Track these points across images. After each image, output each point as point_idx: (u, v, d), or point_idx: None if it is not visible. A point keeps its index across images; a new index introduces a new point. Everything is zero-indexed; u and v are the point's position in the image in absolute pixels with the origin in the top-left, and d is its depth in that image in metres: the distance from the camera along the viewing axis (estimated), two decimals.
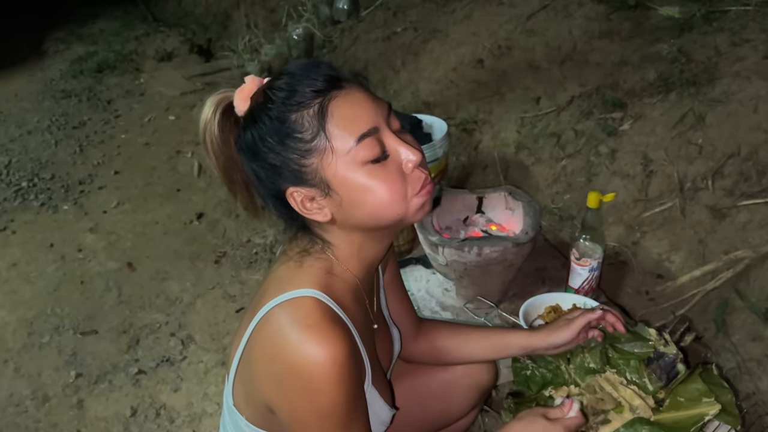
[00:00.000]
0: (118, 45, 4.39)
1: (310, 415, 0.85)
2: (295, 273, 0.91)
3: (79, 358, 2.05)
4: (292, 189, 0.88)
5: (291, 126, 0.85)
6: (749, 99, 2.13)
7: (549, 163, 2.51)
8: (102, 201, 2.84)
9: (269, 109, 0.86)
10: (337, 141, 0.84)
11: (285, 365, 0.83)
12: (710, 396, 1.19)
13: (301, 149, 0.85)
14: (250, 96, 0.89)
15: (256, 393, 0.91)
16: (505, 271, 1.72)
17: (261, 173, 0.88)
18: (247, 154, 0.89)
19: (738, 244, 1.87)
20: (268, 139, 0.86)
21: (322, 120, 0.84)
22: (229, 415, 0.99)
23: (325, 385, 0.82)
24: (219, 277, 2.37)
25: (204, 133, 0.91)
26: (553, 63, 2.82)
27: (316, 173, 0.86)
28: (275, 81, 0.88)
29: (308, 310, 0.85)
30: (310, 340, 0.82)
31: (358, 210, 0.87)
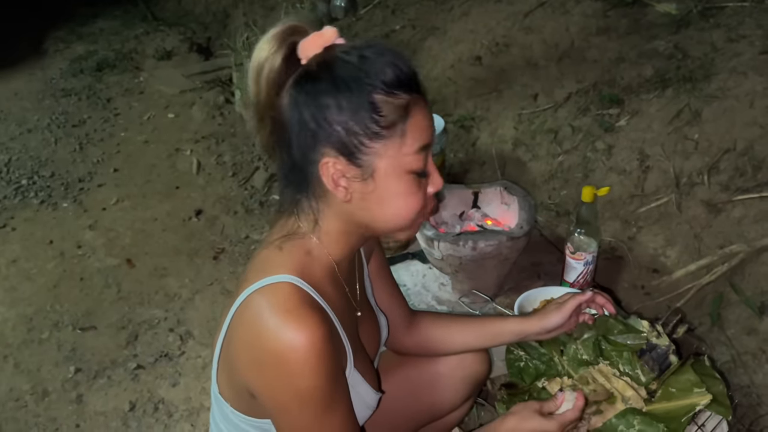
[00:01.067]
0: (118, 44, 4.40)
1: (290, 399, 0.85)
2: (274, 258, 0.91)
3: (78, 353, 2.07)
4: (331, 159, 0.86)
5: (374, 104, 0.84)
6: (745, 94, 2.13)
7: (546, 159, 2.52)
8: (101, 198, 2.85)
9: (356, 77, 0.84)
10: (405, 141, 0.87)
11: (263, 350, 0.83)
12: (701, 386, 1.20)
13: (371, 130, 0.85)
14: (325, 46, 0.86)
15: (237, 379, 0.91)
16: (500, 266, 1.73)
17: (309, 125, 0.85)
18: (306, 100, 0.85)
19: (733, 239, 1.88)
20: (342, 101, 0.84)
21: (405, 117, 0.86)
22: (216, 405, 1.00)
23: (303, 370, 0.82)
24: (217, 273, 2.38)
25: (262, 61, 0.85)
26: (551, 60, 2.83)
27: (370, 157, 0.86)
28: (364, 49, 0.86)
29: (286, 295, 0.86)
30: (288, 325, 0.82)
31: (377, 208, 0.89)
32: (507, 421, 1.04)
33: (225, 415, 0.98)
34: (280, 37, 0.85)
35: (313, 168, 0.88)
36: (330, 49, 0.86)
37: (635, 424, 1.18)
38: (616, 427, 1.19)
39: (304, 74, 0.85)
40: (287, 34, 0.86)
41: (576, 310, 1.24)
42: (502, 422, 1.04)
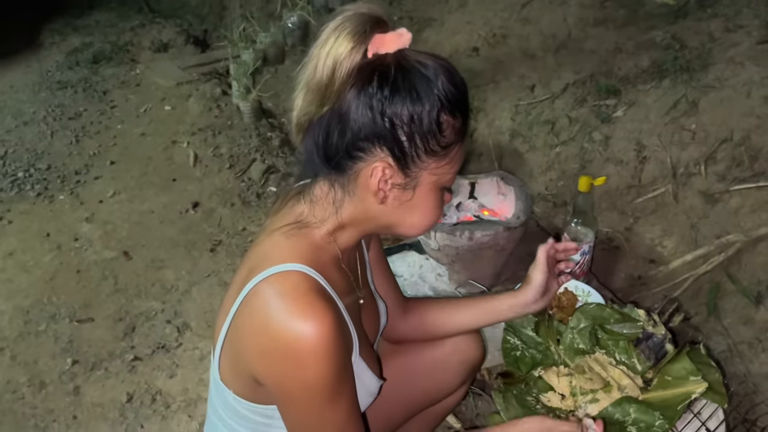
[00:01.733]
0: (114, 36, 4.38)
1: (298, 388, 0.85)
2: (282, 246, 0.91)
3: (75, 345, 2.06)
4: (383, 163, 0.87)
5: (440, 124, 0.86)
6: (742, 84, 2.13)
7: (543, 151, 2.52)
8: (98, 191, 2.84)
9: (430, 92, 0.85)
10: (452, 161, 0.91)
11: (272, 339, 0.83)
12: (697, 375, 1.20)
13: (431, 147, 0.87)
14: (399, 48, 0.86)
15: (243, 366, 0.91)
16: (497, 255, 1.73)
17: (375, 125, 0.85)
18: (381, 101, 0.84)
19: (730, 229, 1.88)
20: (415, 113, 0.84)
21: (459, 140, 0.90)
22: (216, 390, 1.00)
23: (312, 359, 0.83)
24: (214, 265, 2.38)
25: (341, 57, 0.83)
26: (548, 51, 2.82)
27: (420, 171, 0.89)
28: (435, 64, 0.86)
29: (295, 284, 0.86)
30: (298, 314, 0.83)
31: (406, 214, 0.92)
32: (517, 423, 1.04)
33: (226, 402, 0.98)
34: (361, 31, 0.83)
35: (357, 164, 0.88)
36: (404, 53, 0.86)
37: (631, 413, 1.18)
38: (612, 415, 1.20)
39: (383, 75, 0.84)
40: (368, 29, 0.84)
41: (549, 261, 1.23)
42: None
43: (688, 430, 1.21)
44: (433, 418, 1.36)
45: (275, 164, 2.89)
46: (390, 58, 0.85)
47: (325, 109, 0.86)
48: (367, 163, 0.87)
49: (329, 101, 0.85)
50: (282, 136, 3.13)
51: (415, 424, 1.33)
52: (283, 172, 2.83)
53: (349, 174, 0.89)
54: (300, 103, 0.88)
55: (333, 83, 0.83)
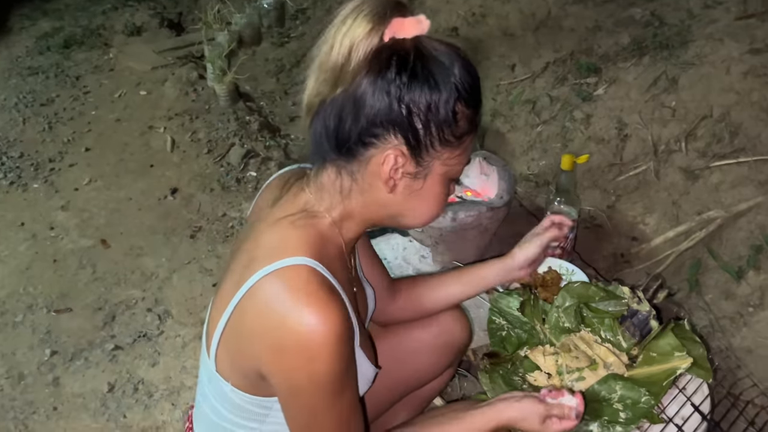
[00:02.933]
0: (85, 20, 4.26)
1: (305, 382, 0.84)
2: (290, 236, 0.88)
3: (53, 336, 2.03)
4: (396, 151, 0.85)
5: (456, 113, 0.85)
6: (721, 61, 2.13)
7: (525, 130, 2.51)
8: (73, 178, 2.78)
9: (448, 81, 0.83)
10: (464, 152, 0.90)
11: (284, 334, 0.82)
12: (682, 350, 1.21)
13: (446, 137, 0.86)
14: (417, 34, 0.83)
15: (245, 360, 0.90)
16: (480, 236, 1.72)
17: (391, 111, 0.83)
18: (398, 87, 0.82)
19: (710, 205, 1.89)
20: (432, 101, 0.83)
21: (471, 131, 0.89)
22: (210, 382, 0.98)
23: (323, 354, 0.82)
24: (195, 251, 2.34)
25: (358, 39, 0.80)
26: (528, 30, 2.80)
27: (432, 160, 0.88)
28: (451, 52, 0.85)
29: (305, 280, 0.83)
30: (310, 309, 0.81)
31: (414, 204, 0.91)
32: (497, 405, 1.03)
33: (222, 393, 0.96)
34: (381, 13, 0.81)
35: (369, 150, 0.86)
36: (421, 40, 0.84)
37: (617, 390, 1.18)
38: (598, 393, 1.20)
39: (402, 60, 0.82)
40: (388, 12, 0.81)
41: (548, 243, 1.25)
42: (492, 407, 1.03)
43: (674, 405, 1.21)
44: (420, 401, 1.36)
45: (254, 148, 2.85)
46: (408, 44, 0.82)
47: (339, 91, 0.83)
48: (380, 150, 0.85)
49: (344, 82, 0.82)
50: (261, 119, 3.09)
51: (403, 408, 1.32)
52: (262, 157, 2.79)
53: (359, 160, 0.87)
54: (312, 84, 0.86)
55: (348, 64, 0.81)
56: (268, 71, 3.58)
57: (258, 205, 1.05)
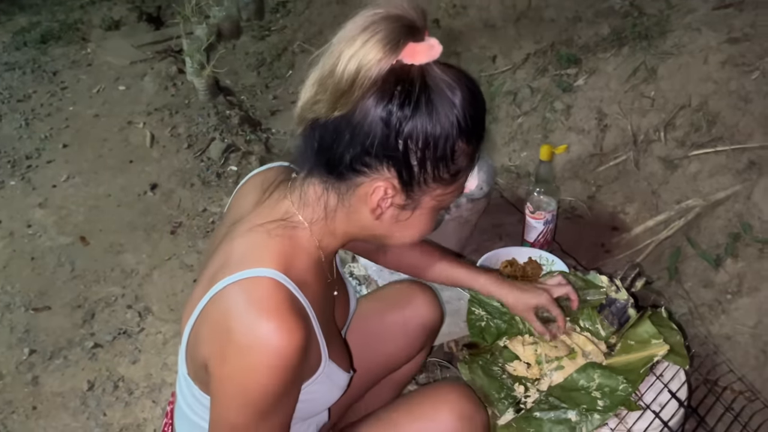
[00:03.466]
0: (63, 14, 4.21)
1: (235, 392, 0.82)
2: (263, 246, 0.86)
3: (32, 334, 2.00)
4: (387, 184, 0.82)
5: (454, 152, 0.82)
6: (699, 50, 2.14)
7: (506, 122, 2.51)
8: (51, 175, 2.75)
9: (451, 118, 0.80)
10: (458, 186, 0.87)
11: (232, 342, 0.80)
12: (659, 338, 1.21)
13: (440, 174, 0.83)
14: (427, 62, 0.79)
15: (201, 363, 0.88)
16: (461, 228, 1.72)
17: (387, 142, 0.79)
18: (399, 119, 0.78)
19: (689, 194, 1.90)
20: (431, 138, 0.79)
21: (469, 167, 0.86)
22: (186, 386, 0.97)
23: (262, 369, 0.79)
24: (175, 247, 2.32)
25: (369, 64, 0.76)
26: (508, 21, 2.80)
27: (423, 195, 0.85)
28: (460, 85, 0.81)
29: (266, 292, 0.81)
30: (264, 324, 0.79)
31: (399, 230, 0.89)
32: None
33: (195, 397, 0.95)
34: (394, 41, 0.76)
35: (360, 177, 0.83)
36: (430, 67, 0.80)
37: (595, 378, 1.19)
38: (577, 381, 1.20)
39: (407, 91, 0.78)
40: (404, 35, 0.77)
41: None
42: None
43: (651, 392, 1.22)
44: (394, 386, 1.36)
45: (235, 143, 2.83)
46: (415, 72, 0.79)
47: (336, 114, 0.80)
48: (371, 179, 0.83)
49: (343, 107, 0.79)
50: (241, 113, 3.06)
51: (377, 394, 1.32)
52: (243, 151, 2.78)
53: (348, 184, 0.84)
54: (308, 97, 0.82)
55: (352, 92, 0.77)
56: (249, 65, 3.56)
57: (236, 202, 1.02)
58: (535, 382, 1.26)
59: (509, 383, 1.26)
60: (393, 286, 1.34)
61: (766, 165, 1.79)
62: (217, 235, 0.99)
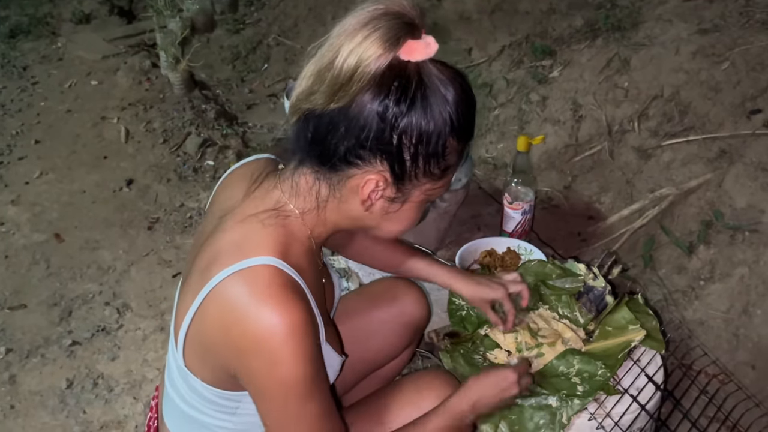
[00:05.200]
0: (32, 8, 4.12)
1: (272, 386, 0.83)
2: (258, 235, 0.87)
3: (8, 333, 1.97)
4: (378, 177, 0.84)
5: (446, 148, 0.83)
6: (671, 41, 2.18)
7: (482, 114, 2.53)
8: (23, 172, 2.70)
9: (444, 115, 0.81)
10: (446, 180, 0.89)
11: (244, 336, 0.81)
12: (636, 323, 1.24)
13: (431, 170, 0.85)
14: (424, 59, 0.80)
15: (212, 359, 0.89)
16: (440, 219, 1.73)
17: (381, 137, 0.80)
18: (394, 115, 0.79)
19: (662, 183, 1.94)
20: (425, 134, 0.81)
21: (459, 162, 0.88)
22: (179, 374, 0.97)
23: (285, 356, 0.81)
24: (153, 243, 2.30)
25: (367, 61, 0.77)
26: (484, 13, 2.82)
27: (413, 189, 0.87)
28: (453, 82, 0.82)
29: (268, 280, 0.82)
30: (270, 309, 0.80)
31: (388, 222, 0.91)
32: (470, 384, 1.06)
33: (192, 387, 0.95)
34: (394, 39, 0.77)
35: (353, 169, 0.84)
36: (425, 64, 0.81)
37: (575, 364, 1.21)
38: (557, 368, 1.22)
39: (403, 87, 0.79)
40: (404, 32, 0.78)
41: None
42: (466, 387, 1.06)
43: (629, 377, 1.25)
44: (381, 382, 1.37)
45: (211, 137, 2.80)
46: (412, 68, 0.80)
47: (332, 107, 0.80)
48: (363, 171, 0.84)
49: (341, 101, 0.80)
50: (217, 107, 3.04)
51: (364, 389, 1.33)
52: (220, 145, 2.76)
53: (340, 175, 0.86)
54: (305, 88, 0.82)
55: (350, 86, 0.78)
56: (224, 58, 3.52)
57: (221, 195, 1.02)
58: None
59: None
60: (380, 283, 1.35)
61: (736, 153, 1.83)
62: (204, 229, 0.98)
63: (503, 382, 1.05)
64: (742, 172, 1.78)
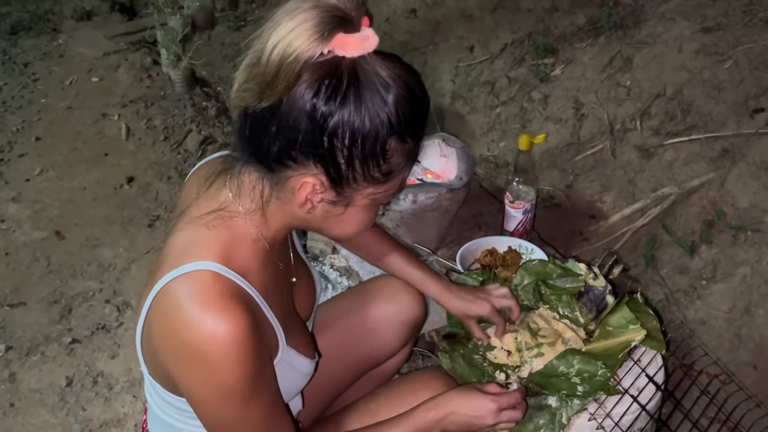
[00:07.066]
0: (33, 5, 4.11)
1: (209, 393, 0.81)
2: (202, 239, 0.84)
3: (8, 331, 1.97)
4: (315, 180, 0.79)
5: (386, 150, 0.78)
6: (674, 39, 2.17)
7: (484, 112, 2.52)
8: (24, 169, 2.70)
9: (381, 115, 0.76)
10: (393, 183, 0.84)
11: (182, 343, 0.79)
12: (636, 323, 1.23)
13: (371, 174, 0.80)
14: (360, 54, 0.75)
15: (160, 366, 0.86)
16: (441, 218, 1.72)
17: (313, 137, 0.76)
18: (324, 113, 0.74)
19: (665, 182, 1.93)
20: (358, 135, 0.75)
21: (406, 164, 0.83)
22: (150, 385, 0.95)
23: (223, 363, 0.78)
24: (153, 240, 2.30)
25: (297, 51, 0.72)
26: (486, 11, 2.81)
27: (354, 192, 0.82)
28: (395, 80, 0.76)
29: (207, 286, 0.80)
30: (208, 317, 0.77)
31: (334, 224, 0.87)
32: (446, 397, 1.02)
33: (161, 397, 0.94)
34: (323, 30, 0.72)
35: (289, 171, 0.80)
36: (363, 60, 0.76)
37: (575, 364, 1.20)
38: (557, 368, 1.21)
39: (334, 85, 0.74)
40: (333, 25, 0.73)
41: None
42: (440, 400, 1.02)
43: (629, 377, 1.24)
44: (378, 381, 1.36)
45: (212, 135, 2.80)
46: (345, 64, 0.75)
47: (263, 105, 0.76)
48: (299, 173, 0.80)
49: (269, 99, 0.75)
50: (218, 105, 3.03)
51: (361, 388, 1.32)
52: (220, 143, 2.75)
53: (278, 175, 0.82)
54: (238, 85, 0.78)
55: (276, 82, 0.73)
56: (225, 56, 3.52)
57: (183, 195, 1.00)
58: (516, 370, 1.28)
59: (490, 371, 1.27)
60: (376, 281, 1.34)
61: (738, 153, 1.82)
62: (169, 231, 0.97)
63: (480, 409, 0.99)
64: (744, 171, 1.77)
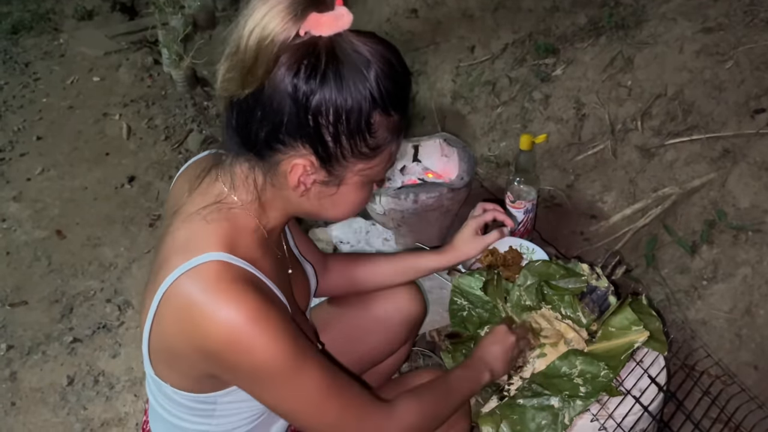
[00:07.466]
0: (34, 4, 4.12)
1: (259, 372, 0.81)
2: (203, 232, 0.85)
3: (9, 330, 1.97)
4: (304, 160, 0.81)
5: (371, 124, 0.80)
6: (675, 40, 2.17)
7: (485, 112, 2.52)
8: (25, 168, 2.70)
9: (362, 89, 0.77)
10: (383, 159, 0.85)
11: (209, 338, 0.79)
12: (639, 324, 1.23)
13: (359, 149, 0.81)
14: (335, 32, 0.77)
15: (182, 363, 0.86)
16: (442, 217, 1.73)
17: (297, 117, 0.77)
18: (305, 93, 0.76)
19: (666, 182, 1.93)
20: (342, 111, 0.77)
21: (393, 139, 0.84)
22: (154, 384, 0.95)
23: (257, 341, 0.79)
24: (154, 240, 2.30)
25: (272, 33, 0.74)
26: (487, 10, 2.80)
27: (344, 170, 0.84)
28: (374, 54, 0.78)
29: (217, 275, 0.80)
30: (224, 304, 0.78)
31: (329, 206, 0.88)
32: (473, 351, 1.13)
33: (165, 394, 0.94)
34: (295, 10, 0.74)
35: (278, 155, 0.82)
36: (339, 38, 0.77)
37: (577, 365, 1.21)
38: (559, 368, 1.22)
39: (312, 64, 0.75)
40: (306, 5, 0.75)
41: (480, 229, 1.28)
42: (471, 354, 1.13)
43: (632, 378, 1.24)
44: (380, 377, 1.37)
45: (213, 134, 2.80)
46: (323, 43, 0.76)
47: (246, 92, 0.78)
48: (288, 156, 0.81)
49: (251, 85, 0.77)
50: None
51: None
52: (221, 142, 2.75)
53: (269, 161, 0.83)
54: (222, 75, 0.80)
55: (256, 67, 0.75)
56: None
57: (173, 195, 1.01)
58: (518, 370, 1.28)
59: None
60: None
61: (740, 153, 1.82)
62: (162, 231, 0.97)
63: (497, 334, 1.17)
64: (745, 171, 1.77)
